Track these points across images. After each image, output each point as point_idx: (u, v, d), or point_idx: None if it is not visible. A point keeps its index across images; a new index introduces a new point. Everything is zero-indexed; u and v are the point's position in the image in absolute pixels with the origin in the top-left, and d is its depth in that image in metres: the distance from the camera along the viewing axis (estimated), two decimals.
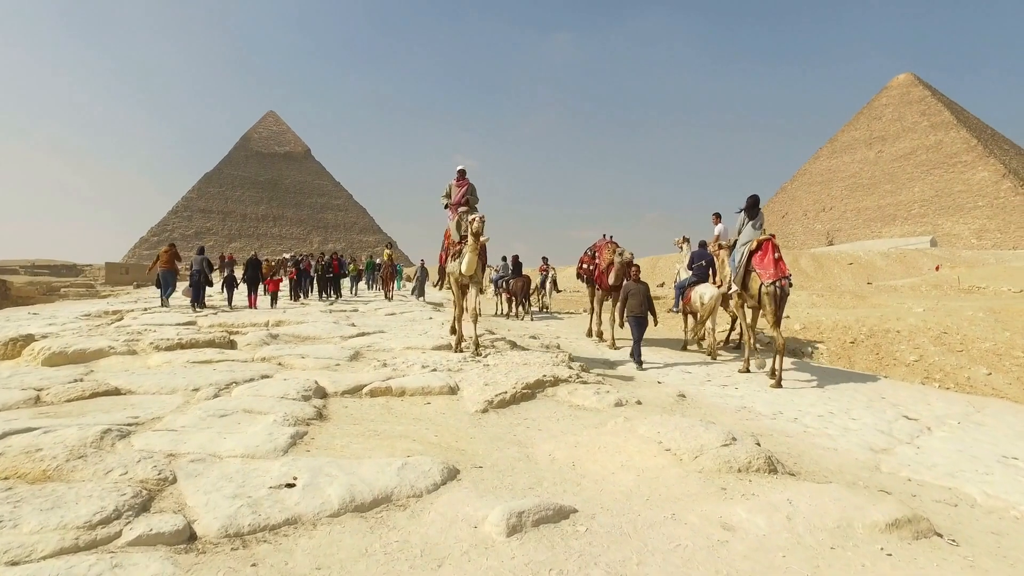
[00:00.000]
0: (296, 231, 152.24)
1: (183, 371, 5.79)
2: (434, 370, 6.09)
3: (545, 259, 18.30)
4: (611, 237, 9.75)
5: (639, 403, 5.46)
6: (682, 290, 10.05)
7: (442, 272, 8.09)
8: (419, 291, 20.14)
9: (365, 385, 5.35)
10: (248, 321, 10.35)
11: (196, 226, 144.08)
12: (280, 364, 6.52)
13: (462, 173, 7.76)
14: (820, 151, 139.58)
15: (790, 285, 7.36)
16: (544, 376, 5.78)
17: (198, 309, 13.36)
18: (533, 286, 16.50)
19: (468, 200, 7.51)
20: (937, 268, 42.15)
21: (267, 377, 5.72)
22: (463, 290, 7.45)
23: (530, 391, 5.49)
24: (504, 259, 19.12)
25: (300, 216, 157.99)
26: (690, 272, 9.90)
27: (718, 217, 10.44)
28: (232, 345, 7.79)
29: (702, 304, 9.14)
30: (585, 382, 5.99)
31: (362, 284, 25.37)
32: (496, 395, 5.18)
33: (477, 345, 7.16)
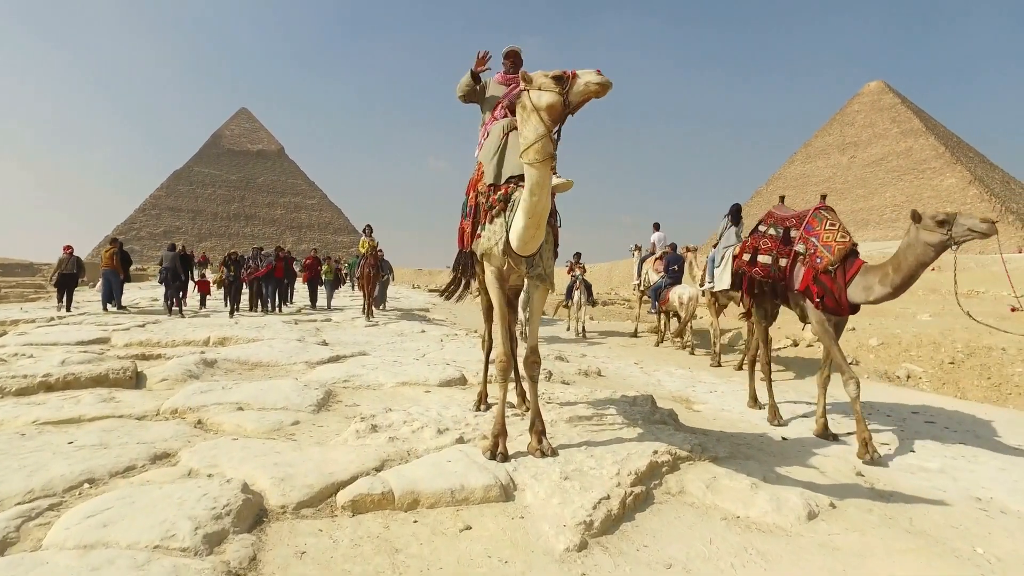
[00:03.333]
0: (269, 231, 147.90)
1: (7, 448, 3.17)
2: (460, 439, 3.59)
3: (578, 256, 13.09)
4: (822, 199, 5.03)
5: (832, 506, 3.08)
6: (658, 292, 10.65)
7: (463, 264, 4.18)
8: (380, 298, 15.28)
9: (343, 484, 2.83)
10: (181, 338, 7.64)
11: (165, 225, 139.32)
12: (199, 424, 3.93)
13: (513, 59, 4.15)
14: (794, 156, 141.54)
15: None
16: (656, 455, 3.34)
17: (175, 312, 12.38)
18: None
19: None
20: (933, 269, 41.88)
21: (162, 460, 3.15)
22: (508, 296, 3.72)
23: (642, 488, 3.04)
24: None
25: (273, 215, 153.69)
26: (663, 275, 10.66)
27: (657, 226, 11.83)
28: (137, 381, 5.13)
29: (681, 304, 9.86)
30: (715, 457, 3.57)
31: (344, 288, 21.08)
32: (593, 505, 2.72)
33: (541, 437, 3.40)
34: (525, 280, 3.64)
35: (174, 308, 12.35)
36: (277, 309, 14.04)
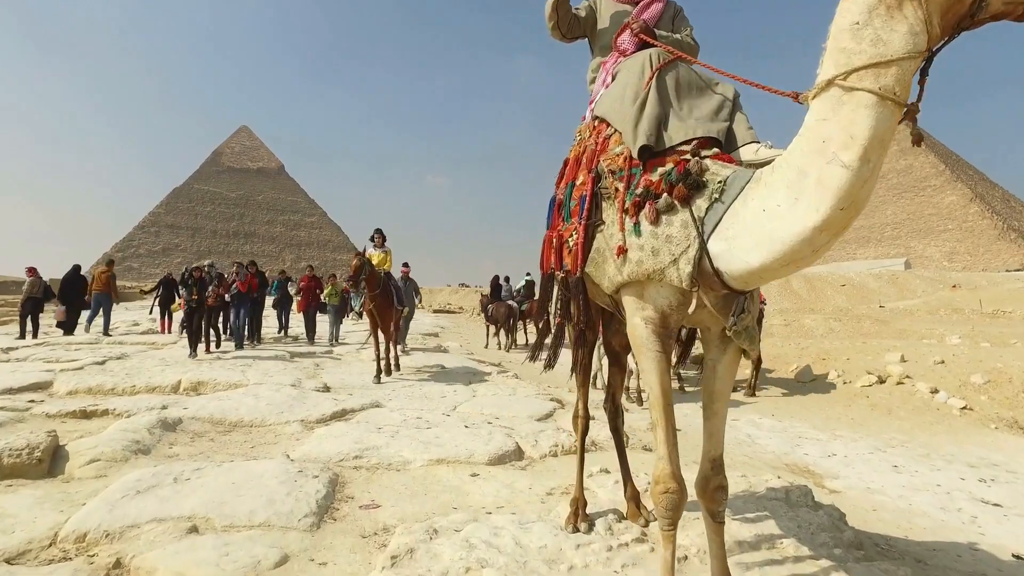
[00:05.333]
0: (268, 248, 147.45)
1: None
2: None
3: None
4: None
5: None
6: None
7: (563, 299, 2.43)
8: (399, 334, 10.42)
9: None
10: (144, 382, 6.04)
11: (164, 242, 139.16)
12: (116, 569, 2.33)
13: None
14: None
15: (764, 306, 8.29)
16: None
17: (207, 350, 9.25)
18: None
19: (661, 32, 2.40)
20: (953, 287, 40.86)
21: None
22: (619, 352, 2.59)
23: None
24: (506, 279, 15.17)
25: (272, 233, 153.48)
26: None
27: None
28: (51, 464, 3.52)
29: None
30: None
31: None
32: None
33: None
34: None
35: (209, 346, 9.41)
36: (251, 341, 10.74)
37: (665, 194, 1.76)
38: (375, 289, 7.38)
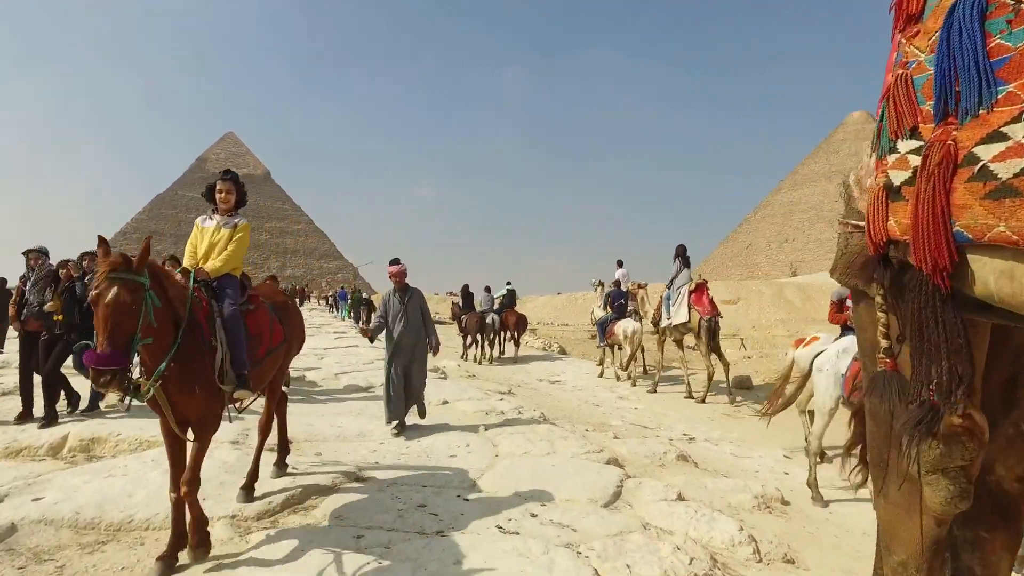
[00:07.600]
0: (254, 256, 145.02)
1: None
2: None
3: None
4: None
5: None
6: (604, 326, 10.46)
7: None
8: (398, 398, 5.11)
9: None
10: (10, 439, 4.09)
11: None
12: None
13: None
14: (782, 183, 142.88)
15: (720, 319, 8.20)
16: None
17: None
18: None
19: None
20: None
21: None
22: None
23: None
24: (486, 288, 13.97)
25: (258, 240, 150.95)
26: (610, 310, 10.57)
27: (620, 264, 11.39)
28: None
29: (626, 337, 9.40)
30: None
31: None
32: None
33: None
34: None
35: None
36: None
37: None
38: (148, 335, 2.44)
